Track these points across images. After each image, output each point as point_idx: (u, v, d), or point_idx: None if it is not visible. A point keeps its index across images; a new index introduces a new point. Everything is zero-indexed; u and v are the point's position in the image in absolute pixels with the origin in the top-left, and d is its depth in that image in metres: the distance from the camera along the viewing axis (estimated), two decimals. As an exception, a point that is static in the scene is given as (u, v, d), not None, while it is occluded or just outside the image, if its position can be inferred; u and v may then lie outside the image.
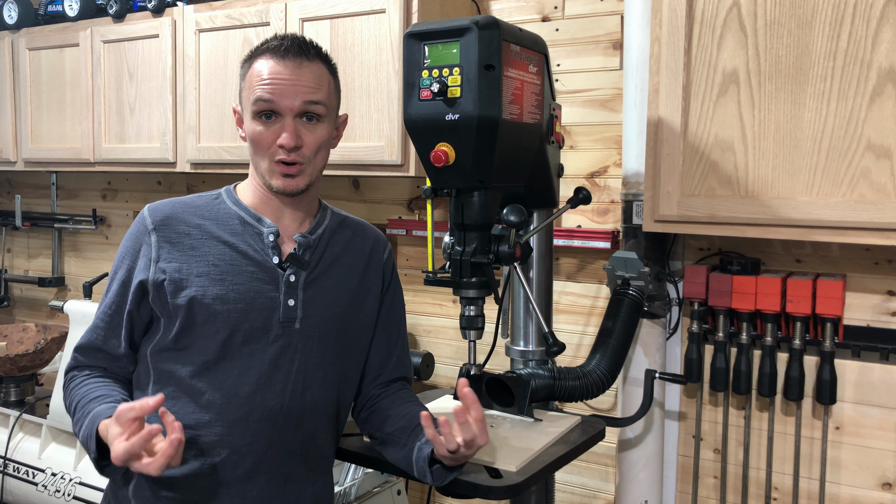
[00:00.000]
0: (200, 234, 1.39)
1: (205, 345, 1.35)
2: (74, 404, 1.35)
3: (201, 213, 1.42)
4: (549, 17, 2.38)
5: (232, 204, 1.44)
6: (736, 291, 1.98)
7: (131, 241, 1.41)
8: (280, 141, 1.35)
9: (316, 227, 1.47)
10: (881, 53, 1.61)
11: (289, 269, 1.40)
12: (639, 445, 2.13)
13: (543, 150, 1.64)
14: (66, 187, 3.62)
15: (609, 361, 1.82)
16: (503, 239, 1.51)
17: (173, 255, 1.37)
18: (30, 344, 2.92)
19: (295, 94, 1.35)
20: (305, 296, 1.41)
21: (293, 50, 1.36)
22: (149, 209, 1.42)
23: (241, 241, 1.39)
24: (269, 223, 1.41)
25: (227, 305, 1.35)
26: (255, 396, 1.35)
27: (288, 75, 1.35)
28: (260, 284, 1.38)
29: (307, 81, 1.36)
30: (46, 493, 2.54)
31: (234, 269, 1.37)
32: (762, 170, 1.74)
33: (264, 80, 1.35)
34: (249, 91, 1.37)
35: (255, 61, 1.38)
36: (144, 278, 1.37)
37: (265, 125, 1.36)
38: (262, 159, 1.38)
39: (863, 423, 1.98)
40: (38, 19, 3.15)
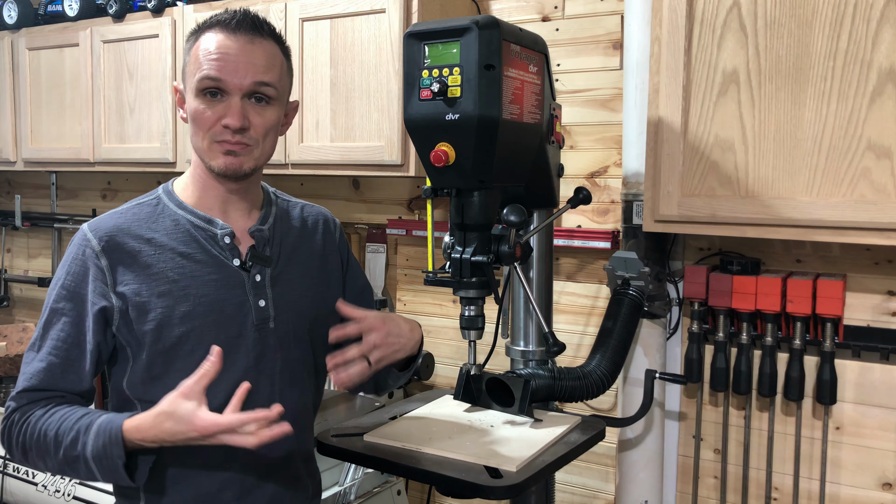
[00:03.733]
0: (152, 249, 1.28)
1: (184, 366, 1.25)
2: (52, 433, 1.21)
3: (147, 226, 1.30)
4: (549, 17, 2.38)
5: (176, 207, 1.33)
6: (736, 291, 1.98)
7: (76, 265, 1.29)
8: (225, 121, 1.24)
9: (265, 218, 1.39)
10: (881, 53, 1.61)
11: (253, 268, 1.33)
12: (639, 445, 2.13)
13: (543, 150, 1.64)
14: (66, 187, 3.62)
15: (609, 361, 1.82)
16: (503, 239, 1.51)
17: (128, 276, 1.26)
18: (29, 344, 2.92)
19: (245, 71, 1.24)
20: (274, 293, 1.35)
21: (245, 25, 1.26)
22: (90, 228, 1.30)
23: (196, 248, 1.30)
24: (221, 224, 1.32)
25: (197, 321, 1.27)
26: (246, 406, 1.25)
27: (238, 51, 1.24)
28: (226, 291, 1.30)
29: (259, 59, 1.26)
30: (46, 493, 2.54)
31: (197, 282, 1.28)
32: (762, 170, 1.74)
33: (212, 55, 1.23)
34: (195, 66, 1.25)
35: (203, 34, 1.27)
36: (107, 305, 1.26)
37: (209, 103, 1.25)
38: (203, 139, 1.27)
39: (863, 423, 1.98)
40: (38, 19, 3.15)
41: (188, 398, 1.14)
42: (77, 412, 1.24)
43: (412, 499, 2.69)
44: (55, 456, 1.22)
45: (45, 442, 1.22)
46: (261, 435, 1.13)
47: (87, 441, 1.19)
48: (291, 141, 2.42)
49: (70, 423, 1.22)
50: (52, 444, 1.21)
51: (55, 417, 1.23)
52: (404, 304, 2.72)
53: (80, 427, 1.20)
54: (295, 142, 2.42)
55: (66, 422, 1.22)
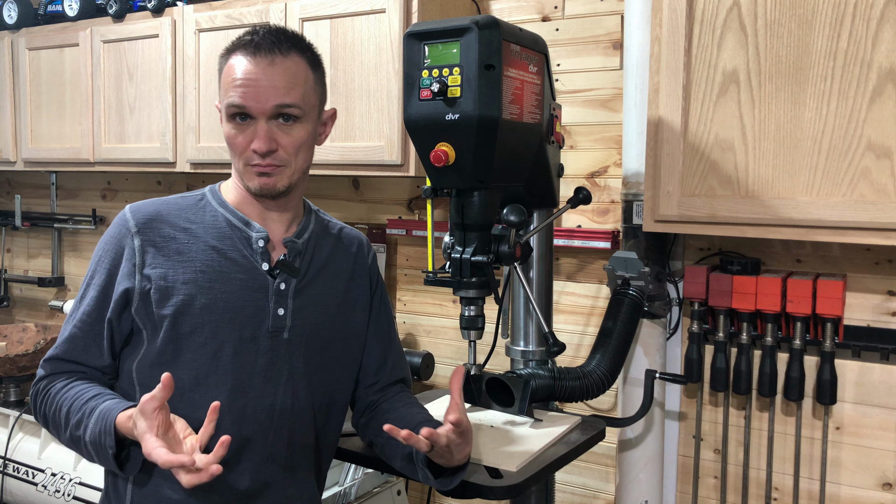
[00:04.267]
0: (187, 238, 1.31)
1: (192, 358, 1.28)
2: (66, 408, 1.26)
3: (186, 216, 1.34)
4: (549, 17, 2.38)
5: (218, 205, 1.36)
6: (736, 291, 1.98)
7: (112, 243, 1.32)
8: (253, 146, 1.27)
9: (302, 232, 1.41)
10: (881, 53, 1.61)
11: (279, 276, 1.34)
12: (639, 446, 2.13)
13: (543, 150, 1.64)
14: (66, 187, 3.62)
15: (609, 361, 1.82)
16: (503, 239, 1.51)
17: (158, 260, 1.29)
18: (29, 344, 2.92)
19: (266, 96, 1.26)
20: (295, 305, 1.35)
21: (265, 45, 1.26)
22: (131, 210, 1.34)
23: (230, 246, 1.33)
24: (258, 227, 1.35)
25: (215, 315, 1.28)
26: (247, 410, 1.30)
27: (258, 75, 1.25)
28: (248, 293, 1.31)
29: (279, 82, 1.26)
30: (46, 494, 2.54)
31: (222, 277, 1.30)
32: (762, 170, 1.74)
33: (235, 82, 1.26)
34: (224, 92, 1.29)
35: (229, 58, 1.30)
36: (129, 286, 1.28)
37: (238, 128, 1.28)
38: (237, 161, 1.31)
39: (863, 423, 1.98)
40: (38, 19, 3.15)
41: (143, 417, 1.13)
42: (90, 391, 1.27)
43: (412, 499, 2.69)
44: (65, 432, 1.27)
45: (59, 416, 1.27)
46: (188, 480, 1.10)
47: (88, 424, 1.22)
48: (291, 141, 2.42)
49: (80, 402, 1.25)
50: (63, 421, 1.26)
51: (70, 393, 1.27)
52: (404, 304, 2.72)
53: (86, 410, 1.24)
54: (295, 142, 2.41)
55: (77, 400, 1.26)
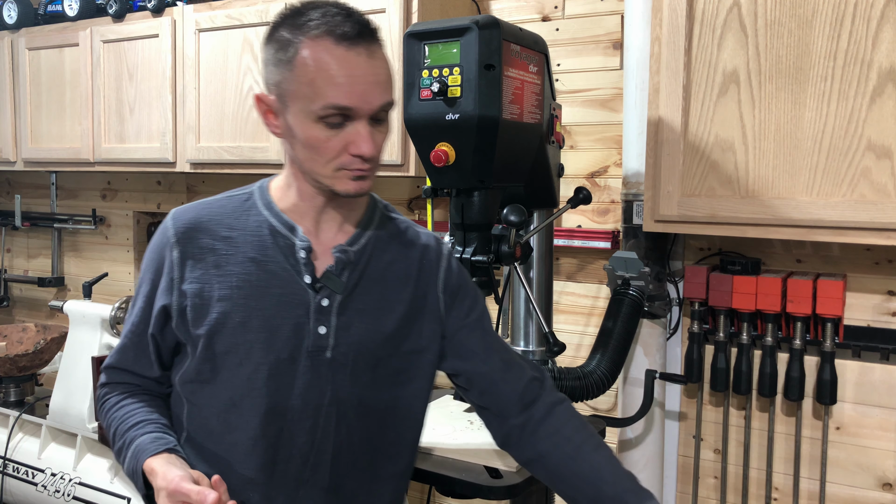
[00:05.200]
0: (226, 249, 1.21)
1: (228, 378, 1.20)
2: (113, 430, 1.26)
3: (229, 223, 1.23)
4: (549, 17, 2.38)
5: (264, 208, 1.24)
6: (736, 291, 1.97)
7: (155, 252, 1.25)
8: (357, 151, 1.12)
9: (359, 236, 1.25)
10: (881, 53, 1.61)
11: (322, 290, 1.20)
12: (639, 446, 2.12)
13: (543, 150, 1.64)
14: (66, 187, 3.62)
15: (609, 361, 1.82)
16: (503, 239, 1.51)
17: (195, 273, 1.21)
18: (29, 344, 2.92)
19: (373, 94, 1.10)
20: (339, 322, 1.21)
21: (365, 33, 1.10)
22: (173, 217, 1.25)
23: (270, 257, 1.21)
24: (302, 236, 1.21)
25: (250, 335, 1.18)
26: (283, 434, 1.20)
27: (363, 70, 1.09)
28: (287, 309, 1.19)
29: (382, 76, 1.11)
30: (46, 494, 2.54)
31: (259, 292, 1.19)
32: (762, 170, 1.74)
33: (336, 78, 1.08)
34: (306, 87, 1.09)
35: (311, 46, 1.09)
36: (167, 303, 1.21)
37: (332, 130, 1.11)
38: (325, 166, 1.14)
39: (863, 423, 1.98)
40: (38, 19, 3.15)
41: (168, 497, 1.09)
42: (134, 416, 1.25)
43: (412, 499, 2.69)
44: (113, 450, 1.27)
45: (108, 435, 1.28)
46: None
47: (126, 457, 1.21)
48: (291, 141, 2.42)
49: (123, 428, 1.24)
50: (112, 441, 1.27)
51: (119, 414, 1.27)
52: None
53: (126, 440, 1.22)
54: (295, 142, 2.41)
55: (122, 425, 1.25)
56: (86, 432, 2.50)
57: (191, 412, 1.25)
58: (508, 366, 1.33)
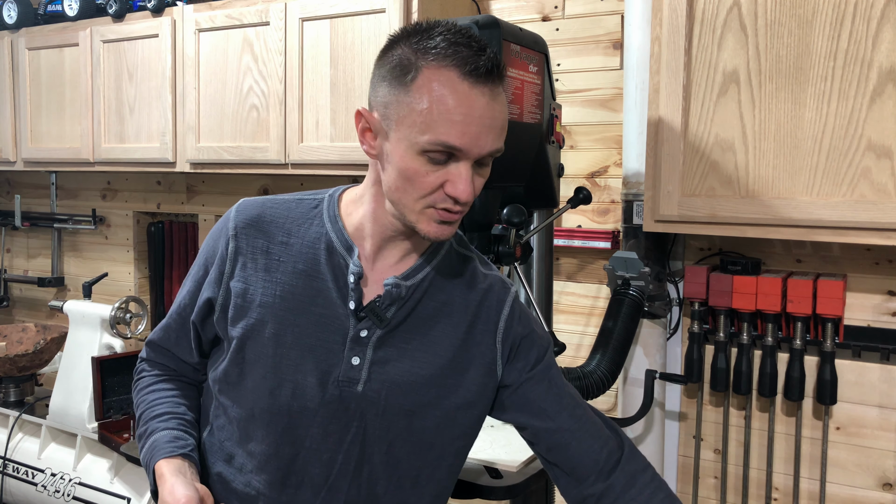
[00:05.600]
0: (279, 254, 1.16)
1: (252, 388, 1.15)
2: (140, 412, 1.27)
3: (289, 228, 1.18)
4: (549, 17, 2.38)
5: (328, 220, 1.18)
6: (736, 291, 1.97)
7: (213, 240, 1.22)
8: (454, 192, 1.04)
9: (418, 270, 1.16)
10: (882, 53, 1.61)
11: (364, 321, 1.13)
12: (639, 446, 2.12)
13: (544, 150, 1.64)
14: (66, 187, 3.62)
15: (609, 361, 1.82)
16: (503, 239, 1.51)
17: (244, 273, 1.17)
18: (29, 344, 2.92)
19: (486, 139, 1.03)
20: (375, 356, 1.13)
21: (493, 72, 1.03)
22: (237, 208, 1.21)
23: (320, 273, 1.15)
24: (356, 260, 1.13)
25: (281, 349, 1.13)
26: (298, 460, 1.14)
27: (482, 111, 1.02)
28: (324, 331, 1.13)
29: (498, 122, 1.04)
30: (46, 494, 2.54)
31: (301, 307, 1.14)
32: (763, 170, 1.74)
33: (453, 115, 1.01)
34: (419, 116, 1.02)
35: (431, 70, 1.02)
36: (212, 296, 1.18)
37: (434, 165, 1.04)
38: (412, 200, 1.07)
39: (863, 423, 1.98)
40: (38, 19, 3.15)
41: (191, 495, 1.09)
42: (160, 406, 1.25)
43: (412, 499, 2.69)
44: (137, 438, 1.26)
45: (136, 414, 1.28)
46: None
47: (143, 446, 1.21)
48: (291, 141, 2.42)
49: (148, 416, 1.24)
50: (137, 422, 1.27)
51: (148, 398, 1.27)
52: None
53: (148, 429, 1.22)
54: (295, 142, 2.42)
55: (147, 411, 1.25)
56: (86, 432, 2.50)
57: (217, 409, 1.23)
58: (581, 424, 1.21)
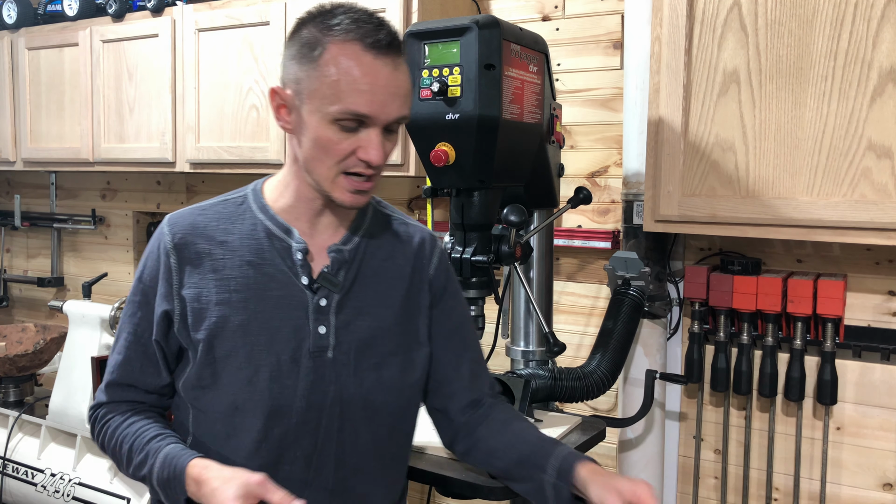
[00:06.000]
0: (223, 253, 1.22)
1: (230, 382, 1.20)
2: (127, 446, 1.22)
3: (225, 227, 1.24)
4: (549, 17, 2.38)
5: (258, 210, 1.24)
6: (737, 291, 1.97)
7: (152, 259, 1.24)
8: (366, 156, 1.12)
9: (352, 235, 1.26)
10: (882, 53, 1.61)
11: (319, 291, 1.21)
12: (639, 446, 2.12)
13: (544, 150, 1.64)
14: (66, 187, 3.62)
15: (609, 362, 1.82)
16: (503, 239, 1.51)
17: (193, 279, 1.21)
18: (29, 344, 2.92)
19: (392, 105, 1.12)
20: (338, 321, 1.22)
21: (394, 45, 1.11)
22: (169, 222, 1.25)
23: (267, 259, 1.22)
24: (297, 237, 1.22)
25: (249, 338, 1.19)
26: (287, 437, 1.20)
27: (386, 80, 1.10)
28: (286, 311, 1.20)
29: (402, 90, 1.13)
30: (46, 494, 2.54)
31: (258, 295, 1.20)
32: (763, 170, 1.74)
33: (359, 84, 1.09)
34: (329, 88, 1.10)
35: (336, 44, 1.10)
36: (168, 308, 1.21)
37: (346, 133, 1.12)
38: (327, 168, 1.15)
39: (864, 423, 1.98)
40: (38, 19, 3.15)
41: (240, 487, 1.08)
42: (150, 430, 1.22)
43: (412, 499, 2.69)
44: (127, 468, 1.23)
45: (120, 452, 1.23)
46: None
47: (153, 466, 1.17)
48: (291, 141, 2.42)
49: (142, 441, 1.20)
50: (125, 458, 1.22)
51: (131, 430, 1.23)
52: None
53: (149, 451, 1.19)
54: (295, 142, 2.41)
55: (138, 439, 1.21)
56: (85, 432, 2.50)
57: (196, 417, 1.25)
58: (475, 376, 1.37)
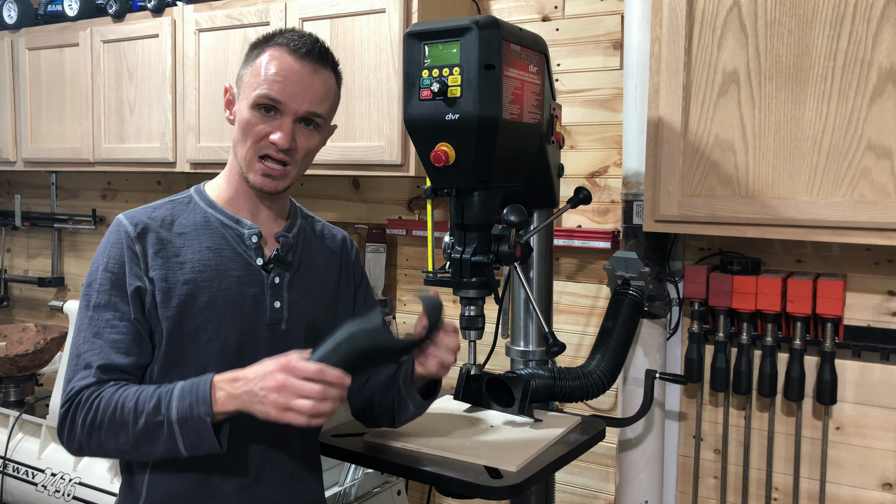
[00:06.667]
0: (181, 242, 1.35)
1: (198, 356, 1.31)
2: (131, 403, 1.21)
3: (179, 222, 1.37)
4: (549, 17, 2.38)
5: (206, 206, 1.39)
6: (736, 291, 1.97)
7: (115, 250, 1.32)
8: (274, 139, 1.31)
9: (291, 227, 1.45)
10: (881, 53, 1.61)
11: (273, 270, 1.38)
12: (639, 446, 2.12)
13: (543, 150, 1.64)
14: (66, 187, 3.62)
15: (609, 362, 1.82)
16: (503, 239, 1.50)
17: (157, 263, 1.31)
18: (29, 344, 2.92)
19: (303, 99, 1.32)
20: (290, 297, 1.40)
21: (314, 54, 1.33)
22: (126, 217, 1.35)
23: (223, 244, 1.36)
24: (248, 224, 1.38)
25: (217, 312, 1.32)
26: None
27: (300, 78, 1.31)
28: (246, 288, 1.36)
29: (318, 90, 1.33)
30: (46, 494, 2.54)
31: (220, 275, 1.34)
32: (762, 170, 1.74)
33: (275, 76, 1.30)
34: (255, 79, 1.32)
35: (269, 49, 1.33)
36: (141, 286, 1.30)
37: (262, 118, 1.32)
38: (246, 148, 1.33)
39: (863, 423, 1.98)
40: (38, 19, 3.15)
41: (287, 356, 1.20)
42: (153, 386, 1.25)
43: (412, 499, 2.69)
44: (133, 427, 1.20)
45: (123, 413, 1.21)
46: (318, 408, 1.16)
47: (171, 403, 1.19)
48: (291, 141, 2.42)
49: (150, 391, 1.22)
50: (131, 414, 1.20)
51: (131, 391, 1.23)
52: (404, 304, 2.71)
53: (162, 392, 1.21)
54: (295, 142, 2.41)
55: (144, 392, 1.22)
56: (86, 432, 2.50)
57: None
58: None
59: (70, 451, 1.28)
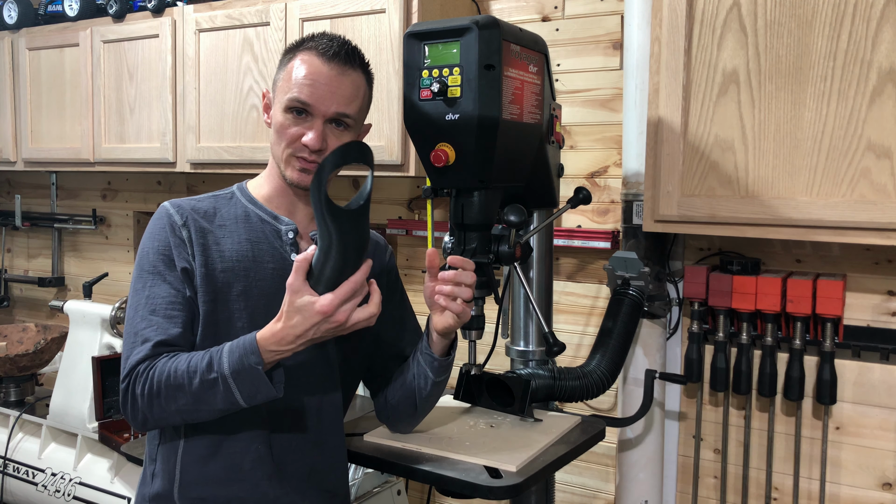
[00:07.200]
0: (222, 232, 1.40)
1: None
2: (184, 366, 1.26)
3: (221, 214, 1.43)
4: (549, 17, 2.38)
5: (247, 202, 1.45)
6: (736, 291, 1.98)
7: (162, 233, 1.38)
8: (305, 140, 1.35)
9: None
10: (881, 53, 1.61)
11: None
12: (639, 445, 2.13)
13: (543, 150, 1.64)
14: (66, 187, 3.62)
15: (609, 361, 1.82)
16: (503, 239, 1.51)
17: (199, 249, 1.37)
18: (30, 344, 2.92)
19: (331, 101, 1.35)
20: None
21: (341, 56, 1.36)
22: (172, 205, 1.41)
23: (262, 238, 1.41)
24: (286, 220, 1.43)
25: (251, 302, 1.37)
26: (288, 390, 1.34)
27: (328, 80, 1.35)
28: (281, 281, 1.33)
29: (346, 91, 1.36)
30: (46, 493, 2.54)
31: (257, 266, 1.39)
32: (762, 170, 1.74)
33: (304, 79, 1.35)
34: (287, 84, 1.37)
35: (300, 55, 1.38)
36: (187, 267, 1.35)
37: (294, 120, 1.36)
38: (283, 150, 1.39)
39: (863, 423, 1.98)
40: (38, 19, 3.15)
41: (298, 293, 1.20)
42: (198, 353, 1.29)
43: (412, 499, 2.69)
44: (189, 387, 1.25)
45: (178, 376, 1.26)
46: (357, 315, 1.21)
47: (222, 359, 1.24)
48: (291, 141, 2.42)
49: (200, 354, 1.27)
50: (186, 376, 1.25)
51: (182, 356, 1.28)
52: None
53: (212, 352, 1.26)
54: (295, 142, 2.42)
55: (195, 356, 1.27)
56: (86, 432, 2.50)
57: None
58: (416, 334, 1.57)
59: (135, 425, 1.32)
